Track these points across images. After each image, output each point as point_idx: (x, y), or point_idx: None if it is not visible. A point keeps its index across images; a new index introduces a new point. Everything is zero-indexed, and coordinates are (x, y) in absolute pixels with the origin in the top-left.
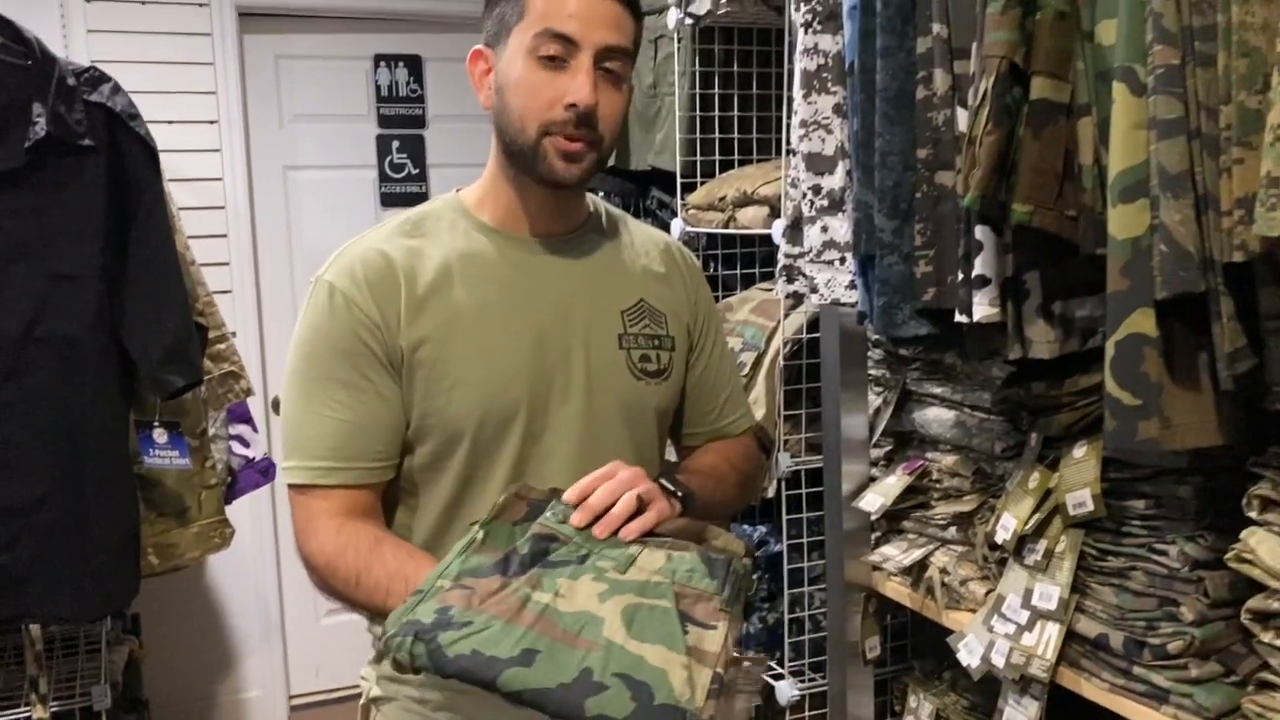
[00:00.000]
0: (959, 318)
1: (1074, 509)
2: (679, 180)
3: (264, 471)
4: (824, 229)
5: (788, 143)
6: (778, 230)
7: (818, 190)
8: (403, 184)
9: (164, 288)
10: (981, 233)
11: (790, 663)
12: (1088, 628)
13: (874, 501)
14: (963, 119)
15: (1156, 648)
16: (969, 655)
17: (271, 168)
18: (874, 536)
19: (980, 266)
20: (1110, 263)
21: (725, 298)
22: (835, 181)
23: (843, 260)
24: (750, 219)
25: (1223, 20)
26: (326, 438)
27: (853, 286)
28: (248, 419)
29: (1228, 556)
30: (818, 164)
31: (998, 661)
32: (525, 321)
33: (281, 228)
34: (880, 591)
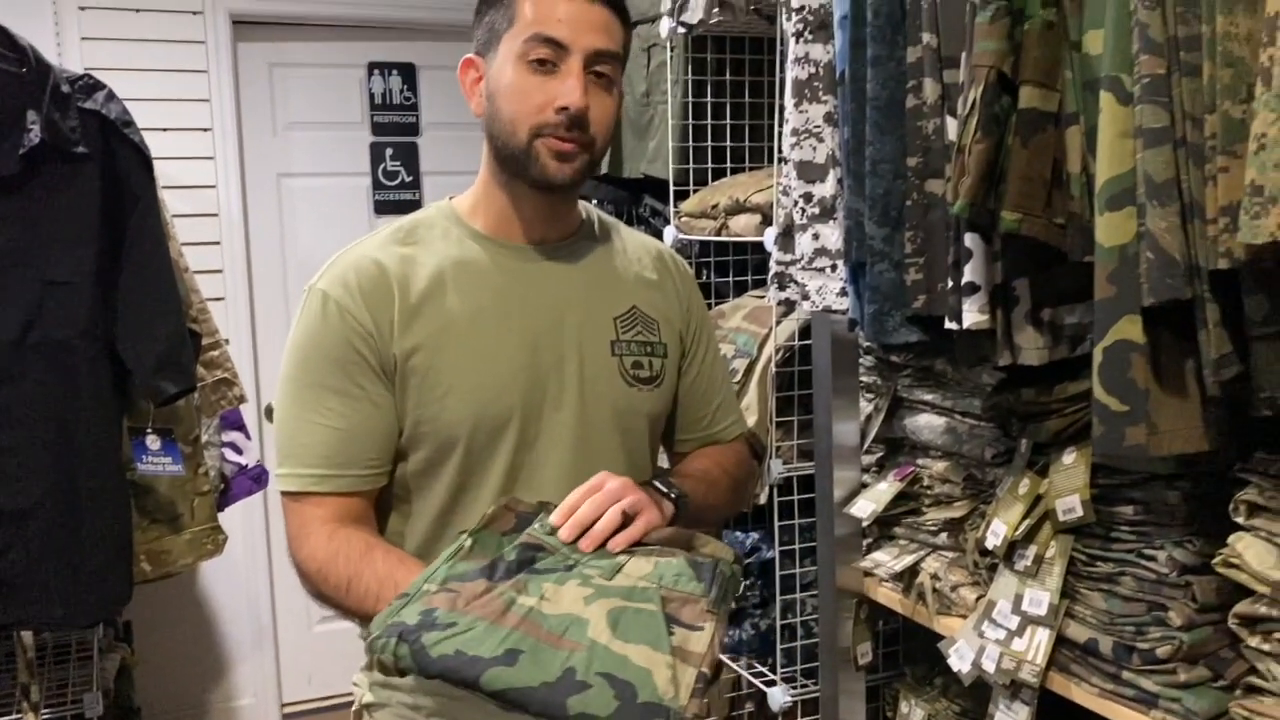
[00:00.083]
0: (949, 324)
1: (1063, 514)
2: (672, 188)
3: (256, 479)
4: (815, 236)
5: (779, 151)
6: (769, 238)
7: (809, 198)
8: (396, 192)
9: (158, 294)
10: (971, 240)
11: (782, 669)
12: (1077, 633)
13: (865, 508)
14: (952, 128)
15: (1145, 652)
16: (960, 661)
17: (265, 175)
18: (865, 542)
19: (970, 274)
20: (1097, 270)
21: (718, 305)
22: (826, 189)
23: (834, 267)
24: (742, 226)
25: (1207, 31)
26: (319, 445)
27: (844, 294)
28: (240, 426)
29: (1215, 561)
30: (809, 172)
31: (988, 667)
32: (518, 329)
33: (275, 235)
34: (872, 597)
